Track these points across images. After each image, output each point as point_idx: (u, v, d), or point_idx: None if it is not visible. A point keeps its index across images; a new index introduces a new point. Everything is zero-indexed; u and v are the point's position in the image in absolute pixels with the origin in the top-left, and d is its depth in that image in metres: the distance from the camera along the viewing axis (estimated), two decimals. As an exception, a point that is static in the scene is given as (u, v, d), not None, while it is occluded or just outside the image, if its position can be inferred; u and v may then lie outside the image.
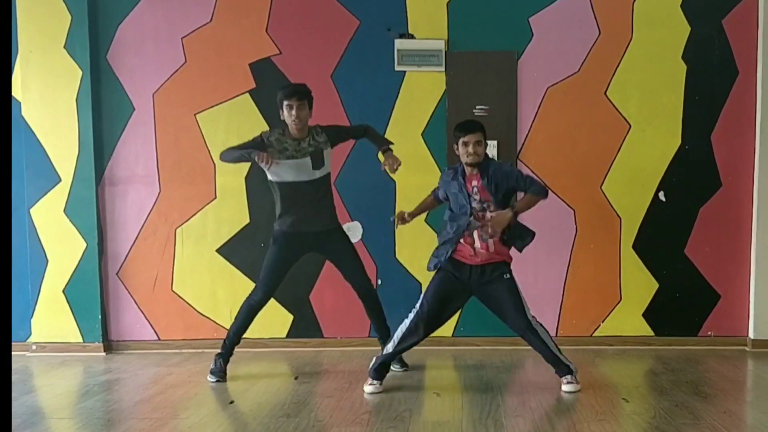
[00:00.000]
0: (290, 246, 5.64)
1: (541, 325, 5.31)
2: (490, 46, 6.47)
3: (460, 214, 5.24)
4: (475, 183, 5.23)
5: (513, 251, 5.39)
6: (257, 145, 5.55)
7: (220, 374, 5.68)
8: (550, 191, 6.35)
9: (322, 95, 6.46)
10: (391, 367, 5.56)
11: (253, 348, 6.42)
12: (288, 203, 5.59)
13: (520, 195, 5.35)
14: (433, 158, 6.48)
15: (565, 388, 5.19)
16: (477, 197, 5.22)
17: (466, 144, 5.18)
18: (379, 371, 5.33)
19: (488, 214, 5.16)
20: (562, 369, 5.26)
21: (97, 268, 6.59)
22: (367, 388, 5.26)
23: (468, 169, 5.26)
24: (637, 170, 6.46)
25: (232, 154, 5.63)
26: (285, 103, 5.53)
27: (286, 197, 5.59)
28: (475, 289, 5.30)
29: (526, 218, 6.47)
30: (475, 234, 5.21)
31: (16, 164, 6.45)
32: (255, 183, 6.47)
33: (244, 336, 5.86)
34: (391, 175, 5.80)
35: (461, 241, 5.23)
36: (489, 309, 5.42)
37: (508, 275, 5.28)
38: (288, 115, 5.53)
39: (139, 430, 4.57)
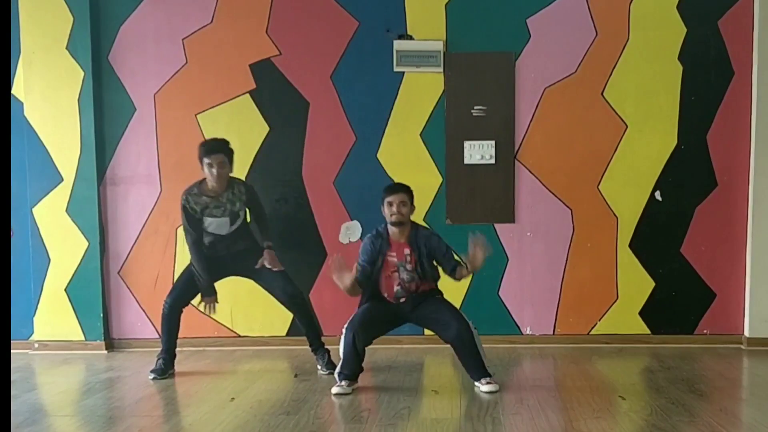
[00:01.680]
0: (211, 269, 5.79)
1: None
2: (488, 47, 6.49)
3: (383, 282, 5.33)
4: (407, 252, 5.28)
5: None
6: (189, 219, 5.66)
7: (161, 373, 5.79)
8: (547, 191, 6.49)
9: (322, 96, 6.54)
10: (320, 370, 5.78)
11: (254, 346, 6.46)
12: (207, 244, 5.77)
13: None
14: (431, 158, 6.50)
15: (485, 388, 5.22)
16: (410, 267, 5.28)
17: (390, 204, 5.24)
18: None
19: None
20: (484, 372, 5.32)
21: (99, 267, 6.62)
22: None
23: (395, 234, 5.31)
24: (634, 170, 6.48)
25: (194, 258, 5.76)
26: (205, 160, 5.58)
27: (207, 240, 5.76)
28: (408, 316, 5.42)
29: (524, 217, 6.57)
30: (401, 299, 5.32)
31: (19, 164, 6.50)
32: (255, 183, 6.47)
33: (245, 334, 5.88)
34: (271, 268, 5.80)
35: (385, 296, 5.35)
36: (430, 329, 5.56)
37: (439, 296, 5.47)
38: (209, 173, 5.60)
39: (140, 427, 4.58)
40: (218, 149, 5.60)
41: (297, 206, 6.58)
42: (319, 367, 5.83)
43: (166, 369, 5.77)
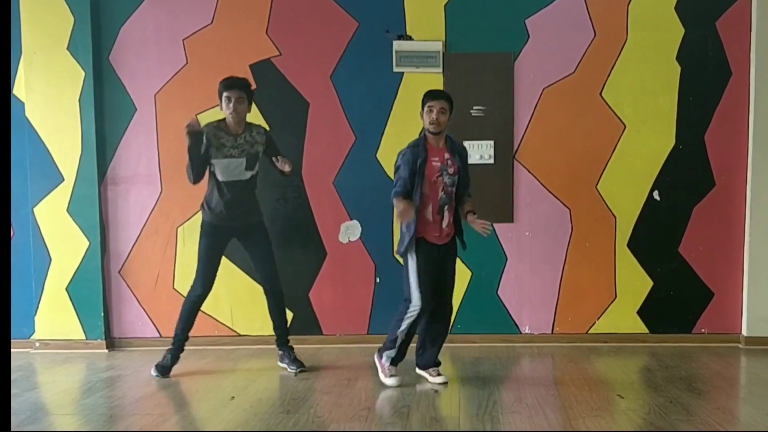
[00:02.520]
0: (219, 236, 5.73)
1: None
2: (487, 48, 6.51)
3: (426, 191, 5.24)
4: (447, 156, 5.29)
5: None
6: (199, 146, 5.53)
7: (164, 371, 5.78)
8: (546, 190, 6.49)
9: (322, 96, 6.56)
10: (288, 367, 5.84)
11: (254, 345, 6.48)
12: (218, 197, 5.65)
13: None
14: (430, 158, 6.51)
15: (437, 379, 5.39)
16: (452, 170, 5.28)
17: (431, 109, 5.25)
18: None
19: (447, 217, 5.27)
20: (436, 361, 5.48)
21: (100, 267, 6.64)
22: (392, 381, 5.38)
23: (433, 141, 5.33)
24: (632, 170, 6.50)
25: (191, 167, 5.57)
26: (224, 94, 5.54)
27: (218, 191, 5.65)
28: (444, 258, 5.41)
29: (523, 217, 6.58)
30: (446, 211, 5.28)
31: (20, 164, 6.53)
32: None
33: (245, 333, 5.90)
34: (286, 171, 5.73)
35: (430, 219, 5.27)
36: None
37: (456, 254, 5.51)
38: (226, 107, 5.54)
39: (141, 426, 4.60)
40: (237, 85, 5.56)
41: (297, 206, 6.60)
42: (286, 364, 5.87)
43: (171, 366, 5.81)
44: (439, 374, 5.41)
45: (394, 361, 5.41)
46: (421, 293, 5.23)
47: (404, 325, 5.29)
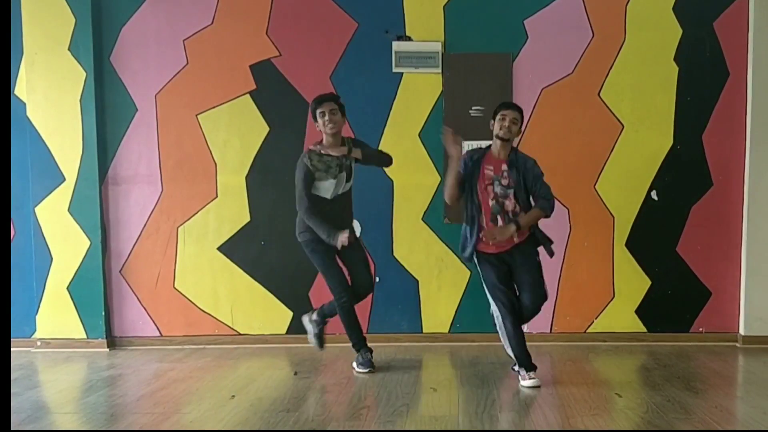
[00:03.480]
0: (326, 247, 5.63)
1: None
2: (486, 48, 6.53)
3: (479, 199, 5.30)
4: (504, 167, 5.28)
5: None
6: (307, 177, 5.51)
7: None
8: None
9: (321, 96, 6.57)
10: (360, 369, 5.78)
11: (254, 344, 6.51)
12: (320, 214, 5.58)
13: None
14: (429, 158, 6.54)
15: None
16: (505, 182, 5.27)
17: (503, 117, 5.26)
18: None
19: (490, 224, 5.27)
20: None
21: (101, 266, 6.65)
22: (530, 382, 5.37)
23: (496, 149, 5.34)
24: (630, 170, 6.53)
25: (314, 223, 5.56)
26: (318, 111, 5.53)
27: (318, 209, 5.58)
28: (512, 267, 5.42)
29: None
30: (499, 219, 5.30)
31: (22, 164, 6.56)
32: (255, 182, 6.55)
33: (245, 332, 5.90)
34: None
35: (483, 226, 5.29)
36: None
37: (537, 254, 5.47)
38: (322, 122, 5.52)
39: (141, 424, 4.61)
40: (329, 98, 5.59)
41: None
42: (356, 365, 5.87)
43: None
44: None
45: (528, 367, 5.42)
46: (494, 299, 5.40)
47: (501, 335, 5.50)
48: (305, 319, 6.06)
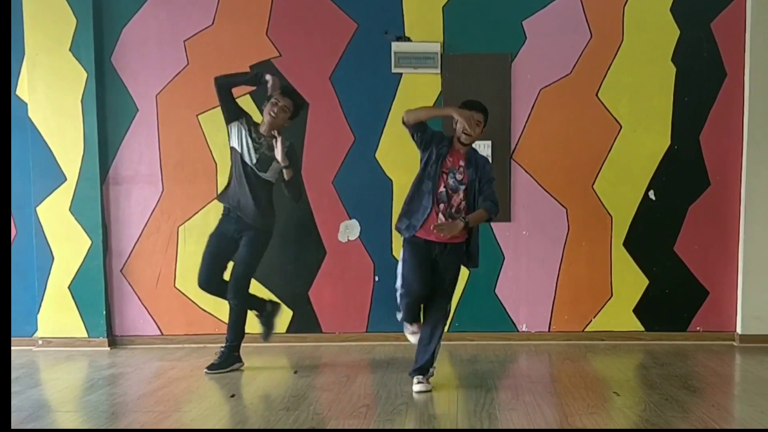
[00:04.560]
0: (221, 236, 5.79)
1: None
2: (485, 49, 6.56)
3: (426, 189, 5.15)
4: (462, 163, 5.17)
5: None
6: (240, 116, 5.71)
7: None
8: (543, 190, 6.53)
9: (321, 97, 6.59)
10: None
11: (254, 343, 6.52)
12: (233, 178, 5.73)
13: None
14: (429, 158, 6.54)
15: (417, 387, 5.21)
16: (460, 177, 5.14)
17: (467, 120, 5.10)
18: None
19: (440, 217, 5.11)
20: (426, 369, 5.29)
21: (102, 265, 6.68)
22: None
23: (458, 146, 5.20)
24: (628, 169, 6.56)
25: (232, 79, 5.72)
26: (273, 97, 5.65)
27: (235, 172, 5.72)
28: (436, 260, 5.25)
29: (520, 216, 6.62)
30: (441, 206, 5.13)
31: (23, 164, 6.59)
32: (255, 182, 6.61)
33: (246, 331, 5.88)
34: None
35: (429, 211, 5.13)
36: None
37: (463, 259, 5.32)
38: (268, 111, 5.64)
39: (142, 423, 4.62)
40: (290, 93, 5.68)
41: (296, 205, 6.56)
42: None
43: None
44: (420, 382, 5.25)
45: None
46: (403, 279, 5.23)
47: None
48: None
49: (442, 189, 5.15)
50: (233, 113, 5.73)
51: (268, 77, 5.63)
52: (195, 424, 4.62)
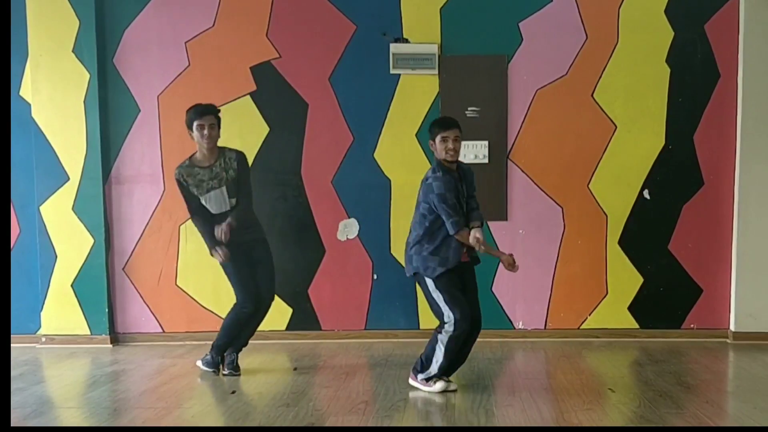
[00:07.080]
0: (235, 254, 5.53)
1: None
2: (482, 50, 6.60)
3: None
4: (463, 186, 5.16)
5: None
6: (185, 191, 5.49)
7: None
8: (539, 189, 6.58)
9: (320, 98, 6.64)
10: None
11: (254, 340, 6.53)
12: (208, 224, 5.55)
13: None
14: (426, 158, 6.56)
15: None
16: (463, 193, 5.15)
17: (445, 139, 4.98)
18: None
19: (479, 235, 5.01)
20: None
21: (104, 264, 6.73)
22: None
23: (449, 166, 5.09)
24: (623, 169, 6.60)
25: (200, 231, 5.62)
26: (196, 123, 5.38)
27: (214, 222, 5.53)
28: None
29: (519, 213, 6.66)
30: (473, 232, 5.03)
31: (26, 163, 6.66)
32: (254, 181, 6.55)
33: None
34: None
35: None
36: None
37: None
38: (199, 135, 5.38)
39: (144, 419, 4.68)
40: (209, 111, 5.44)
41: (296, 204, 6.70)
42: (224, 367, 5.78)
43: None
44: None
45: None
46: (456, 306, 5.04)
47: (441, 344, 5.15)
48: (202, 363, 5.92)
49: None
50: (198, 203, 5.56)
51: (218, 249, 5.45)
52: (196, 420, 4.67)
